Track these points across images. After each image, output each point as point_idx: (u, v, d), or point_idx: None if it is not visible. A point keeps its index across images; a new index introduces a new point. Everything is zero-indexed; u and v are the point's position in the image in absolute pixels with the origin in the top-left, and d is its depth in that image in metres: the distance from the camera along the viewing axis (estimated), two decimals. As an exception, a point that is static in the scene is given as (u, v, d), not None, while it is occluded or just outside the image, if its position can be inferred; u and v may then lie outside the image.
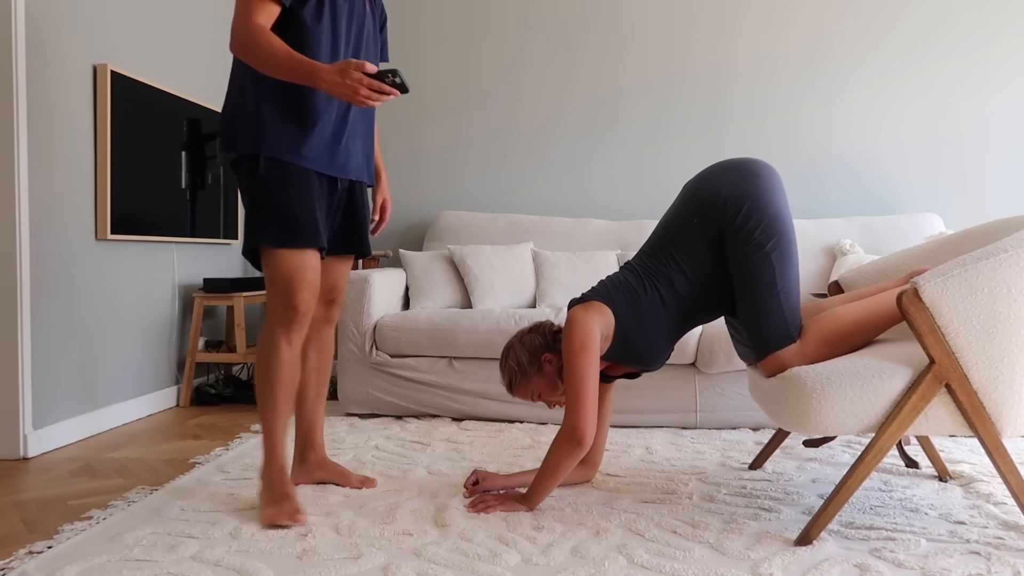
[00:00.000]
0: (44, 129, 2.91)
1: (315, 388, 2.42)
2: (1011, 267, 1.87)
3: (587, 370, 2.10)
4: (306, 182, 2.14)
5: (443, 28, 4.38)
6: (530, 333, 2.33)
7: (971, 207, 4.09)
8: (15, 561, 1.84)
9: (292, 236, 2.11)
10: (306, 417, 2.43)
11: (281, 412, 2.17)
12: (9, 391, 2.79)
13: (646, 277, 2.21)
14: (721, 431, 3.21)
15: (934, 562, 1.81)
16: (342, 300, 2.44)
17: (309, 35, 2.11)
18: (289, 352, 2.15)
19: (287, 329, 2.14)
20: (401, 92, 1.98)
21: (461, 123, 4.39)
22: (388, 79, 1.93)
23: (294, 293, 2.12)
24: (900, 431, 1.91)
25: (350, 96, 1.93)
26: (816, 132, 4.17)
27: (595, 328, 2.13)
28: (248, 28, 2.02)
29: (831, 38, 4.14)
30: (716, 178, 2.21)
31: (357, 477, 2.42)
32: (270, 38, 2.01)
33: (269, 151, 2.11)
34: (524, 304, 3.80)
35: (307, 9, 2.11)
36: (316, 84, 1.96)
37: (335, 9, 2.16)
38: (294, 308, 2.13)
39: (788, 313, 2.13)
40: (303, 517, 2.05)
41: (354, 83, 1.91)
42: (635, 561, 1.82)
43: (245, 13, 2.04)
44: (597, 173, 4.31)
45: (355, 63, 1.92)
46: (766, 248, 2.11)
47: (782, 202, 2.17)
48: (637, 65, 4.27)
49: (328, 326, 2.43)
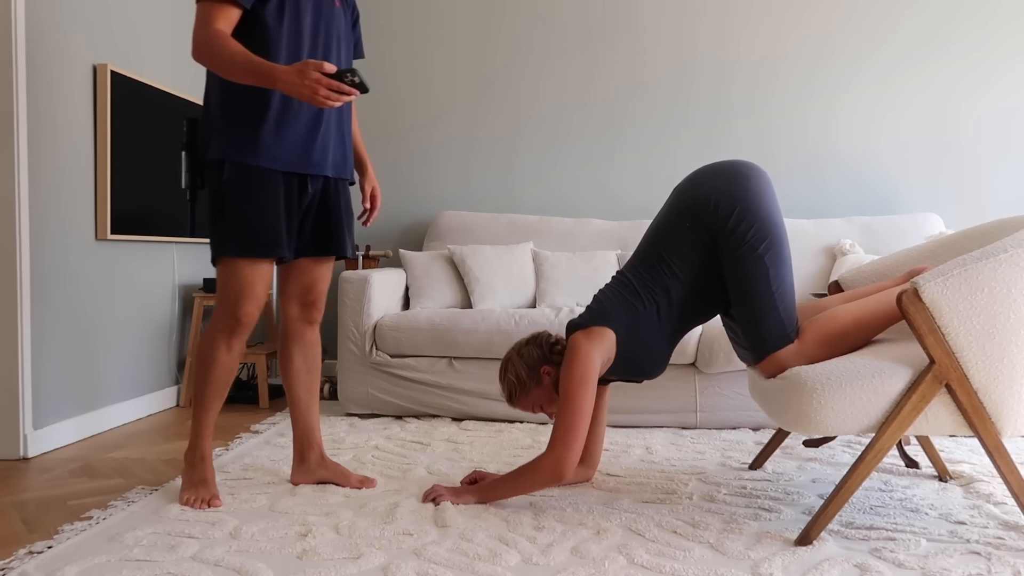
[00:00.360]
0: (44, 129, 2.91)
1: (307, 388, 2.43)
2: (1011, 267, 1.87)
3: (584, 405, 2.10)
4: (272, 187, 2.16)
5: (444, 28, 4.38)
6: (527, 345, 2.32)
7: (971, 207, 4.09)
8: (15, 561, 1.84)
9: (251, 247, 2.15)
10: (301, 418, 2.43)
11: (211, 404, 2.28)
12: (9, 391, 2.79)
13: (643, 290, 2.20)
14: (721, 431, 3.21)
15: (934, 562, 1.81)
16: (322, 303, 2.43)
17: (271, 36, 2.11)
18: (227, 356, 2.24)
19: (228, 336, 2.22)
20: (361, 92, 1.98)
21: (461, 123, 4.39)
22: (347, 79, 1.94)
23: (239, 305, 2.18)
24: (900, 431, 1.91)
25: (309, 97, 1.94)
26: (817, 132, 4.17)
27: (597, 360, 2.13)
28: (207, 34, 2.04)
29: (834, 39, 4.14)
30: (706, 182, 2.20)
31: (357, 477, 2.42)
32: (228, 43, 2.02)
33: (234, 156, 2.13)
34: (524, 304, 3.80)
35: (268, 10, 2.11)
36: (275, 86, 1.98)
37: (298, 8, 2.16)
38: (236, 319, 2.20)
39: (784, 314, 2.13)
40: (218, 503, 2.20)
41: (312, 83, 1.92)
42: (635, 561, 1.82)
43: (204, 19, 2.06)
44: (597, 173, 4.31)
45: (313, 63, 1.93)
46: (759, 250, 2.10)
47: (772, 203, 2.16)
48: (639, 65, 4.27)
49: (309, 327, 2.42)
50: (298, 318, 2.40)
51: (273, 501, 2.25)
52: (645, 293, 2.20)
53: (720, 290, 2.21)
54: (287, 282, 2.38)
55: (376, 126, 4.42)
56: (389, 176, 4.43)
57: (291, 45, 2.15)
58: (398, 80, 4.40)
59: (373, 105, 4.41)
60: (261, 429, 3.23)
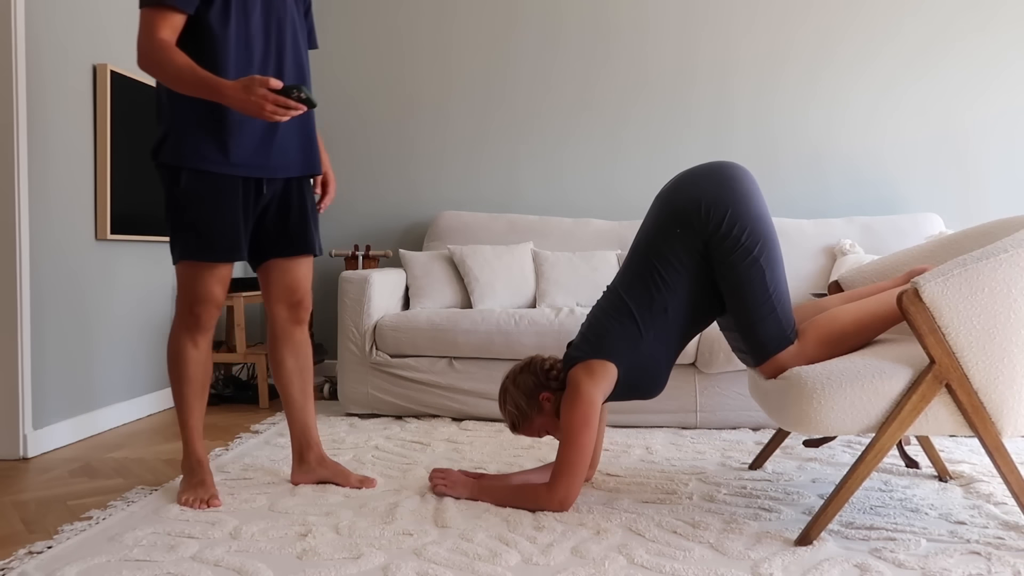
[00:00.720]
0: (44, 129, 2.91)
1: (300, 388, 2.44)
2: (1011, 267, 1.87)
3: (587, 445, 2.11)
4: (229, 192, 2.16)
5: (444, 28, 4.38)
6: (522, 373, 2.30)
7: (971, 207, 4.09)
8: (15, 561, 1.84)
9: (211, 252, 2.17)
10: (297, 418, 2.43)
11: (193, 406, 2.29)
12: (9, 391, 2.79)
13: (641, 313, 2.16)
14: (721, 431, 3.21)
15: (934, 562, 1.81)
16: (308, 302, 2.43)
17: (218, 42, 2.09)
18: (195, 351, 2.26)
19: (191, 334, 2.24)
20: (308, 107, 1.99)
21: (461, 123, 4.39)
22: (294, 95, 1.95)
23: (197, 304, 2.21)
24: (900, 431, 1.91)
25: (256, 112, 1.95)
26: (818, 132, 4.17)
27: (599, 400, 2.14)
28: (151, 45, 2.02)
29: (836, 40, 4.14)
30: (692, 186, 2.15)
31: (357, 476, 2.42)
32: (173, 55, 2.01)
33: (190, 162, 2.12)
34: (524, 304, 3.80)
35: (213, 13, 2.08)
36: (222, 100, 1.98)
37: (246, 7, 2.13)
38: (195, 317, 2.23)
39: (782, 315, 2.12)
40: (218, 502, 2.21)
41: (259, 99, 1.93)
42: (635, 561, 1.82)
43: (147, 29, 2.03)
44: (598, 173, 4.31)
45: (259, 79, 1.93)
46: (754, 253, 2.08)
47: (761, 202, 2.14)
48: (639, 65, 4.26)
49: (297, 327, 2.43)
50: (286, 319, 2.40)
51: (273, 501, 2.25)
52: (643, 316, 2.16)
53: (714, 297, 2.18)
54: (269, 285, 2.38)
55: (376, 126, 4.42)
56: (389, 176, 4.43)
57: (240, 50, 2.12)
58: (398, 79, 4.40)
59: (373, 105, 4.41)
60: (261, 429, 3.23)
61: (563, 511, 2.14)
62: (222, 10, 2.09)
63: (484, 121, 4.37)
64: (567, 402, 2.14)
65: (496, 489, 2.23)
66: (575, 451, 2.10)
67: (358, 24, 4.42)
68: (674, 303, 2.16)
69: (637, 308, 2.17)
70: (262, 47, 2.17)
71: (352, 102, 4.42)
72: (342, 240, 4.44)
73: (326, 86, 4.42)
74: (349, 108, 4.42)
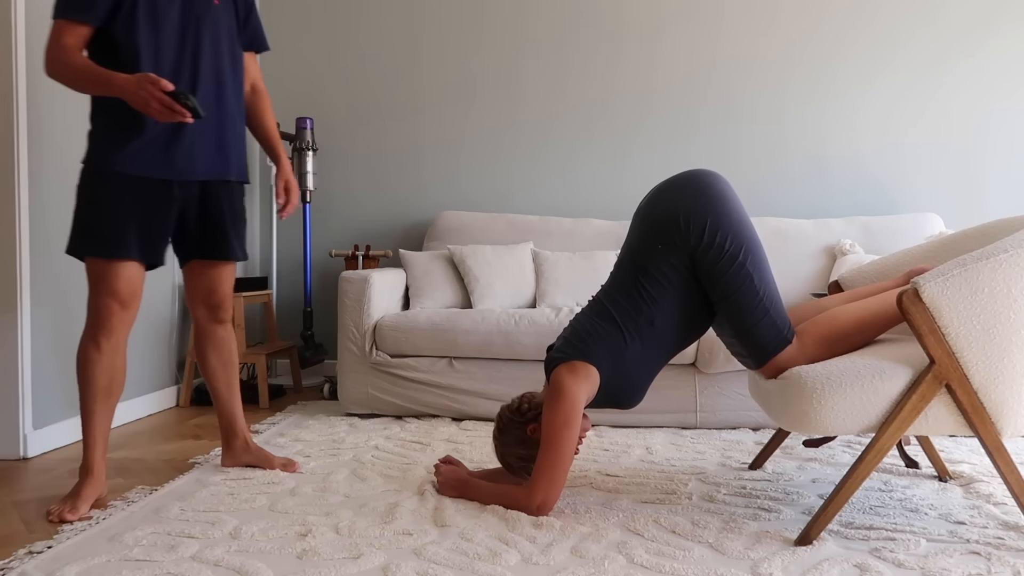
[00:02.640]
0: (44, 129, 2.91)
1: (224, 383, 2.57)
2: (1011, 267, 1.87)
3: (569, 446, 2.07)
4: (122, 190, 2.21)
5: (444, 28, 4.38)
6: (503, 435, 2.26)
7: (971, 207, 4.09)
8: (15, 561, 1.84)
9: (97, 247, 2.22)
10: (224, 410, 2.58)
11: (93, 412, 2.26)
12: (9, 391, 2.79)
13: (624, 320, 2.14)
14: (721, 431, 3.21)
15: (934, 562, 1.81)
16: (228, 304, 2.51)
17: (126, 51, 2.17)
18: (96, 353, 2.25)
19: (94, 333, 2.25)
20: (193, 116, 2.08)
21: (462, 123, 4.39)
22: (181, 101, 2.04)
23: (96, 299, 2.24)
24: (900, 431, 1.91)
25: (143, 107, 2.05)
26: (819, 132, 4.17)
27: (582, 400, 2.10)
28: (53, 50, 2.14)
29: (835, 39, 4.14)
30: (669, 200, 2.14)
31: (279, 460, 2.57)
32: (71, 56, 2.12)
33: (92, 161, 2.22)
34: (524, 304, 3.80)
35: (120, 25, 2.16)
36: (114, 93, 2.08)
37: (155, 17, 2.20)
38: (96, 313, 2.25)
39: (776, 316, 2.11)
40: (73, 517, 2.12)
41: (146, 96, 2.03)
42: (635, 561, 1.82)
43: (53, 38, 2.15)
44: (598, 173, 4.31)
45: (151, 78, 2.03)
46: (740, 259, 2.07)
47: (738, 206, 2.13)
48: (639, 65, 4.27)
49: (218, 326, 2.52)
50: (206, 319, 2.51)
51: (273, 501, 2.25)
52: (627, 326, 2.13)
53: (703, 308, 2.17)
54: (189, 286, 2.49)
55: (376, 126, 4.42)
56: (389, 176, 4.43)
57: (151, 57, 2.19)
58: (399, 79, 4.40)
59: (373, 105, 4.41)
60: (261, 429, 3.23)
61: (542, 516, 2.09)
62: (128, 22, 2.17)
63: (484, 121, 4.37)
64: (548, 402, 2.09)
65: (481, 489, 2.23)
66: (555, 453, 2.06)
67: (358, 24, 4.42)
68: (660, 316, 2.13)
69: (622, 318, 2.14)
70: (174, 56, 2.24)
71: (352, 102, 4.42)
72: (342, 240, 4.45)
73: (326, 86, 4.43)
74: (349, 108, 4.42)
